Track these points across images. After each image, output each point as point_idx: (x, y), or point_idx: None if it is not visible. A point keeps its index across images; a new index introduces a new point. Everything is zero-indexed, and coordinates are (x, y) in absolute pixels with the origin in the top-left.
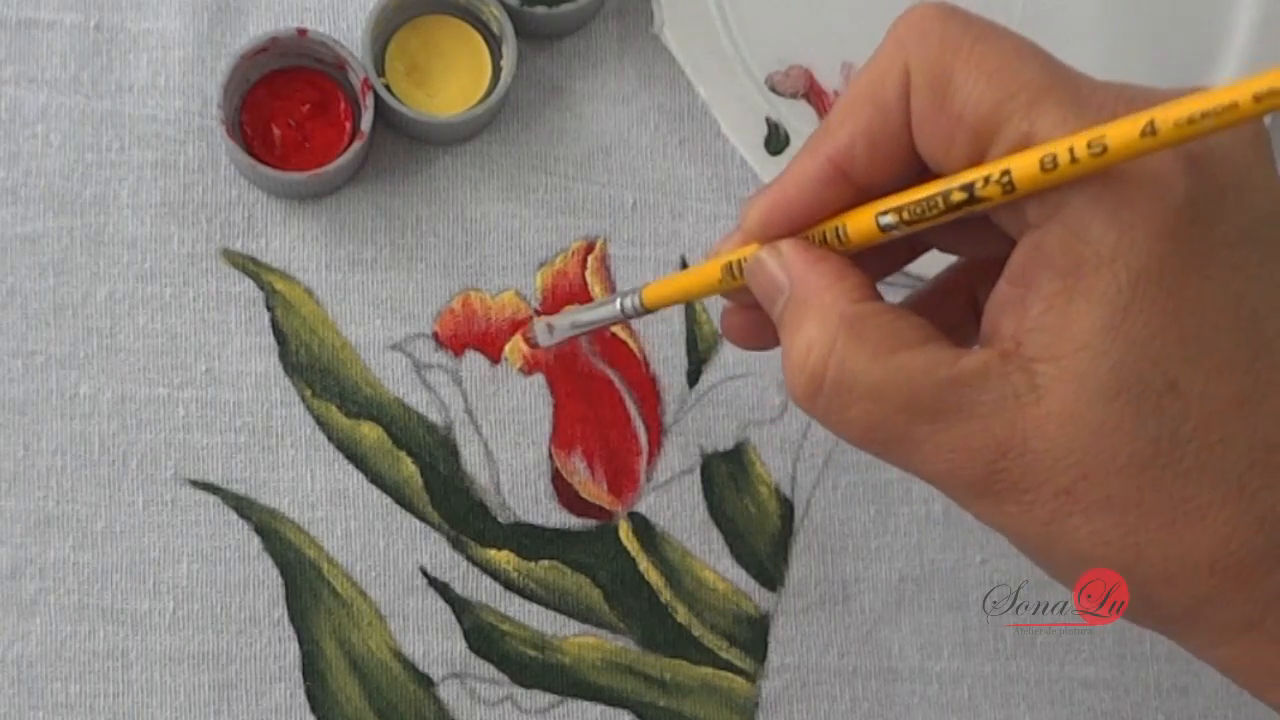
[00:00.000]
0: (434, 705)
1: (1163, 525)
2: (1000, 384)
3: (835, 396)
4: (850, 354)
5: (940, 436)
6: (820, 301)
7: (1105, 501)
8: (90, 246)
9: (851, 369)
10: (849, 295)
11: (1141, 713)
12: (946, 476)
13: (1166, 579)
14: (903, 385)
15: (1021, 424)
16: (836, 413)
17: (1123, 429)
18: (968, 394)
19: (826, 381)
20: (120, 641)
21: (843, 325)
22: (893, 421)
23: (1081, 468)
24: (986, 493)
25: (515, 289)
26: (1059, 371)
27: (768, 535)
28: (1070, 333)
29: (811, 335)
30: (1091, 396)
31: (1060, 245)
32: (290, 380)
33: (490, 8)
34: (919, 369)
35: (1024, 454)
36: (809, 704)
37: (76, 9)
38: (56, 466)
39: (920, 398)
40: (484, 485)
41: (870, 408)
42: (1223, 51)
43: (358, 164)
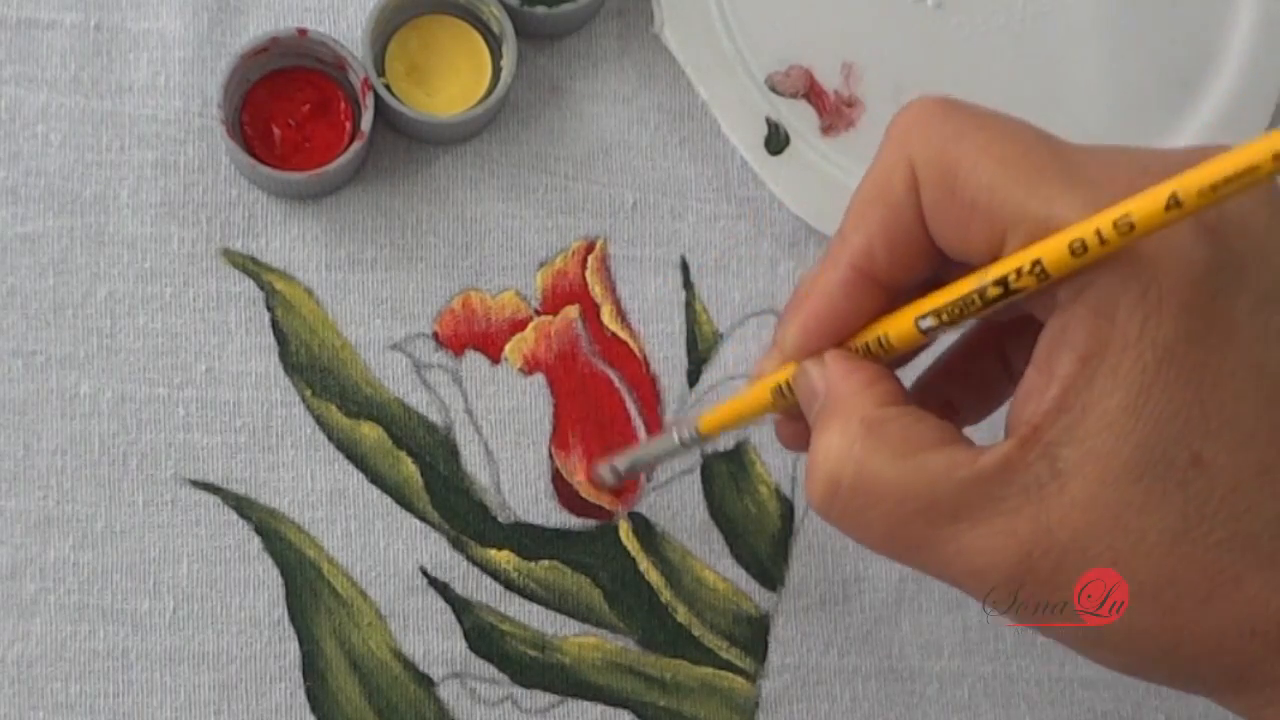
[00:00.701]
0: (434, 705)
1: (1200, 600)
2: (1022, 475)
3: (853, 499)
4: (869, 456)
5: (963, 538)
6: (846, 407)
7: (1139, 587)
8: (90, 246)
9: (870, 471)
10: (875, 400)
11: (1141, 713)
12: (973, 579)
13: (1209, 652)
14: (923, 486)
15: (1045, 517)
16: (854, 515)
17: (1149, 507)
18: (989, 491)
19: (844, 484)
20: (120, 641)
21: (863, 428)
22: (913, 524)
23: (1112, 554)
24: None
25: (515, 289)
26: (1081, 454)
27: (768, 535)
28: (1093, 414)
29: (834, 439)
30: (1116, 477)
31: (1084, 326)
32: (290, 380)
33: (490, 8)
34: (939, 469)
35: (1050, 549)
36: (809, 704)
37: (76, 9)
38: (56, 466)
39: (940, 498)
40: (484, 485)
41: (889, 510)
42: (1223, 51)
43: (358, 164)
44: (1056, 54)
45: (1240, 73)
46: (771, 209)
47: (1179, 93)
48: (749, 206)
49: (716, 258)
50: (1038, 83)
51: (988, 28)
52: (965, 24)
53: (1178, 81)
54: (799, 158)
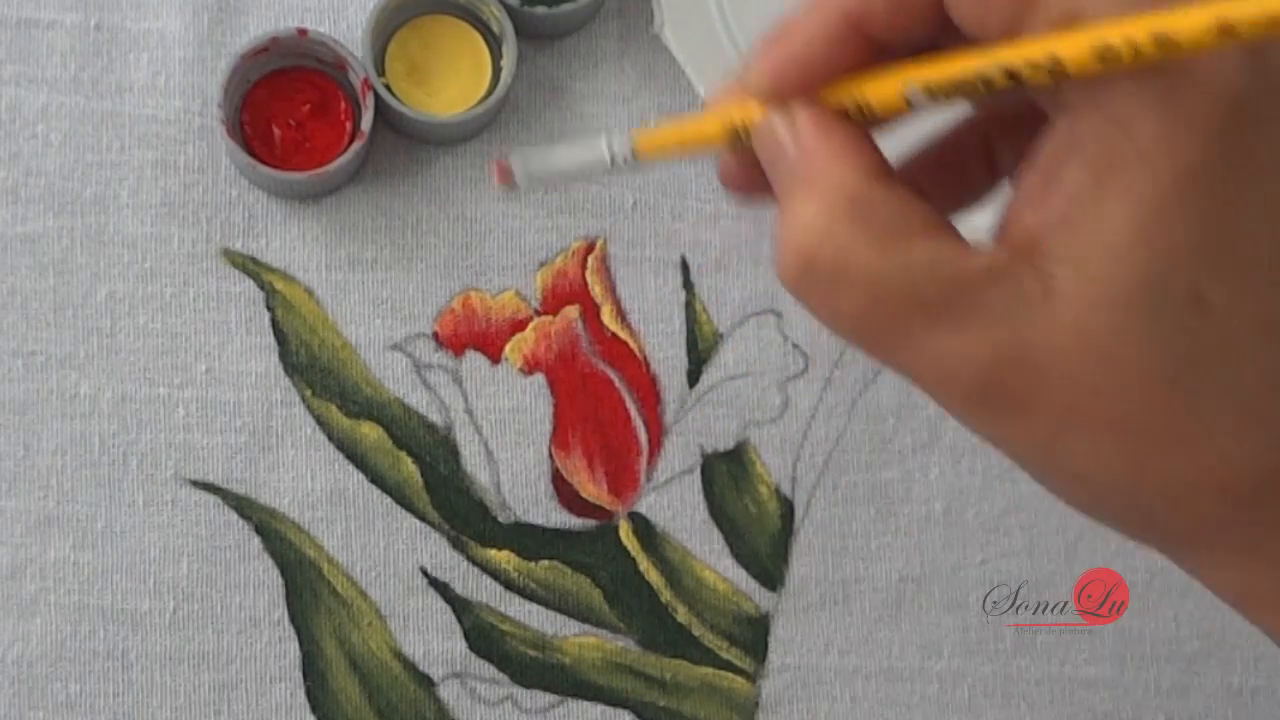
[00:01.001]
0: (434, 705)
1: (1171, 447)
2: (1010, 286)
3: (827, 282)
4: (851, 238)
5: (937, 339)
6: (827, 176)
7: (1111, 421)
8: (90, 246)
9: (850, 255)
10: (859, 171)
11: (1141, 713)
12: (939, 383)
13: (1171, 501)
14: (903, 279)
15: (1028, 332)
16: (826, 298)
17: (1139, 342)
18: (974, 295)
19: (820, 265)
20: (120, 641)
21: (846, 205)
22: (888, 316)
23: (1089, 383)
24: (982, 406)
25: (515, 289)
26: (1077, 275)
27: (768, 535)
28: (1097, 233)
29: (812, 212)
30: (1110, 305)
31: (1098, 135)
32: (290, 380)
33: (490, 8)
34: (923, 262)
35: (1027, 366)
36: (809, 704)
37: (76, 9)
38: (56, 466)
39: (921, 294)
40: (484, 485)
41: (865, 298)
42: None
43: (358, 164)
44: None
45: None
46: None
47: None
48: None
49: (716, 258)
50: None
51: None
52: None
53: None
54: None
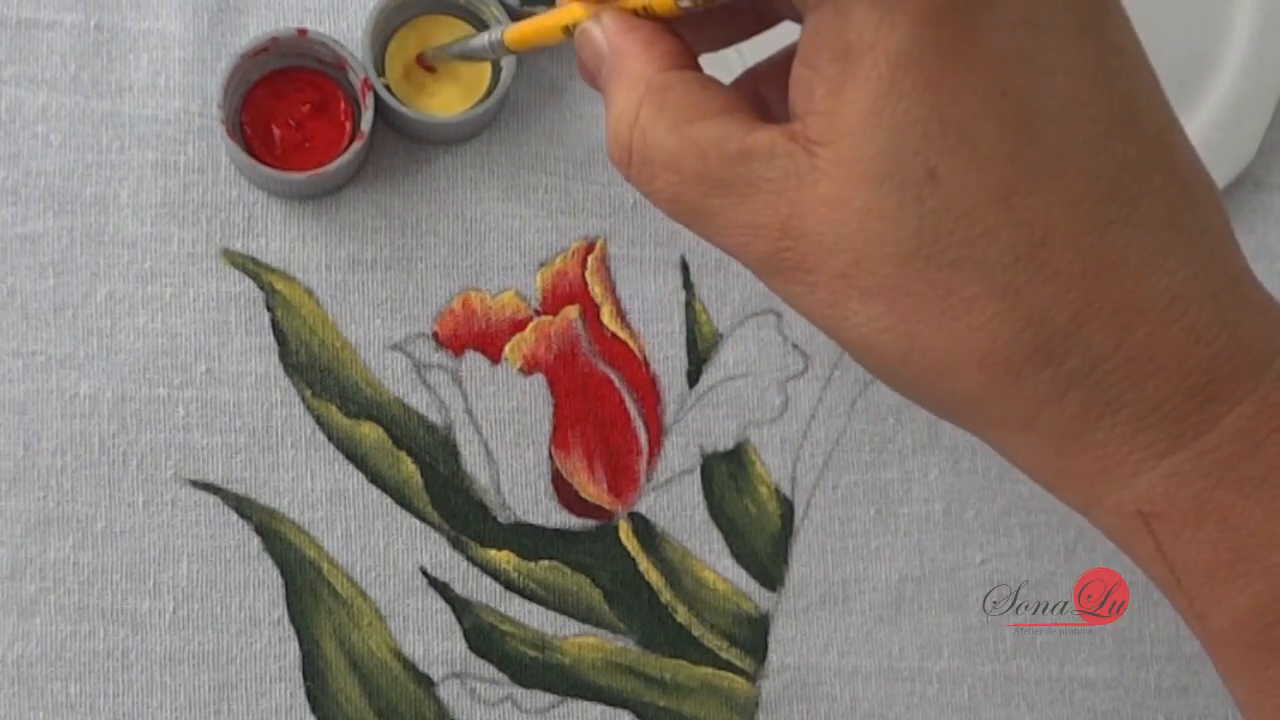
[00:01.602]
0: (434, 705)
1: (932, 316)
2: (785, 162)
3: (642, 166)
4: (651, 124)
5: (732, 210)
6: (630, 69)
7: (878, 289)
8: (90, 246)
9: (652, 139)
10: (657, 63)
11: (1141, 713)
12: (740, 250)
13: (940, 371)
14: (695, 157)
15: (801, 204)
16: (645, 182)
17: (887, 217)
18: (755, 169)
19: (633, 150)
20: (120, 641)
21: (647, 94)
22: (690, 193)
23: (853, 253)
24: (776, 270)
25: (515, 289)
26: (833, 155)
27: (768, 535)
28: (841, 117)
29: (621, 104)
30: (858, 182)
31: (831, 29)
32: (290, 380)
33: (490, 8)
34: (711, 140)
35: (803, 235)
36: (809, 704)
37: (76, 9)
38: (56, 466)
39: (711, 170)
40: (484, 485)
41: (670, 179)
42: (1222, 52)
43: (358, 164)
44: None
45: (1240, 73)
46: None
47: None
48: None
49: (716, 258)
50: None
51: None
52: None
53: (1176, 82)
54: None
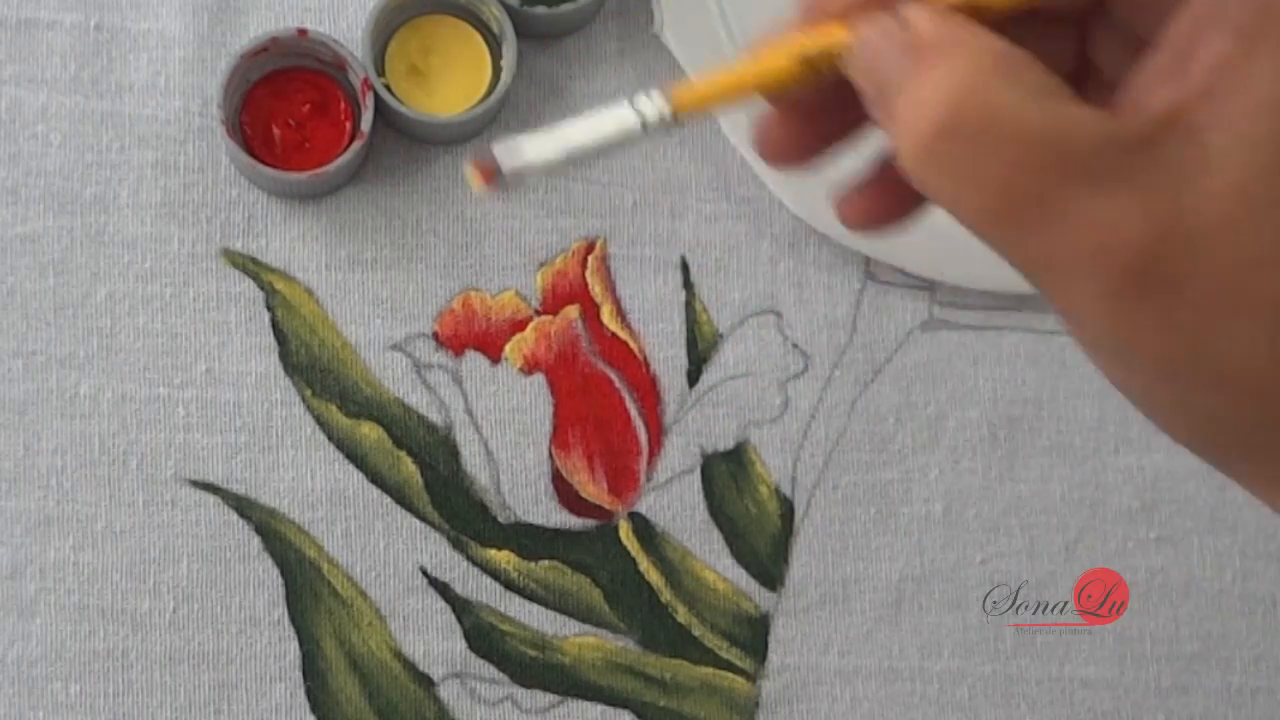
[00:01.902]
0: (434, 705)
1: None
2: (1167, 151)
3: (974, 140)
4: (1004, 91)
5: (1095, 203)
6: (967, 40)
7: (1264, 299)
8: (90, 246)
9: (1005, 108)
10: (999, 41)
11: (1141, 713)
12: (1091, 260)
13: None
14: (1062, 134)
15: (1185, 200)
16: (970, 162)
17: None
18: (1132, 159)
19: (968, 120)
20: (120, 641)
21: (995, 63)
22: (1041, 179)
23: (1247, 254)
24: (1133, 285)
25: (515, 289)
26: (1232, 140)
27: (768, 535)
28: (1249, 96)
29: (954, 69)
30: (1262, 169)
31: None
32: (290, 380)
33: (490, 8)
34: (1080, 122)
35: (1185, 236)
36: (809, 704)
37: (76, 9)
38: (56, 466)
39: (1080, 152)
40: (484, 485)
41: (1015, 159)
42: None
43: (358, 164)
44: None
45: None
46: (771, 209)
47: None
48: (749, 206)
49: (716, 258)
50: None
51: None
52: None
53: None
54: None
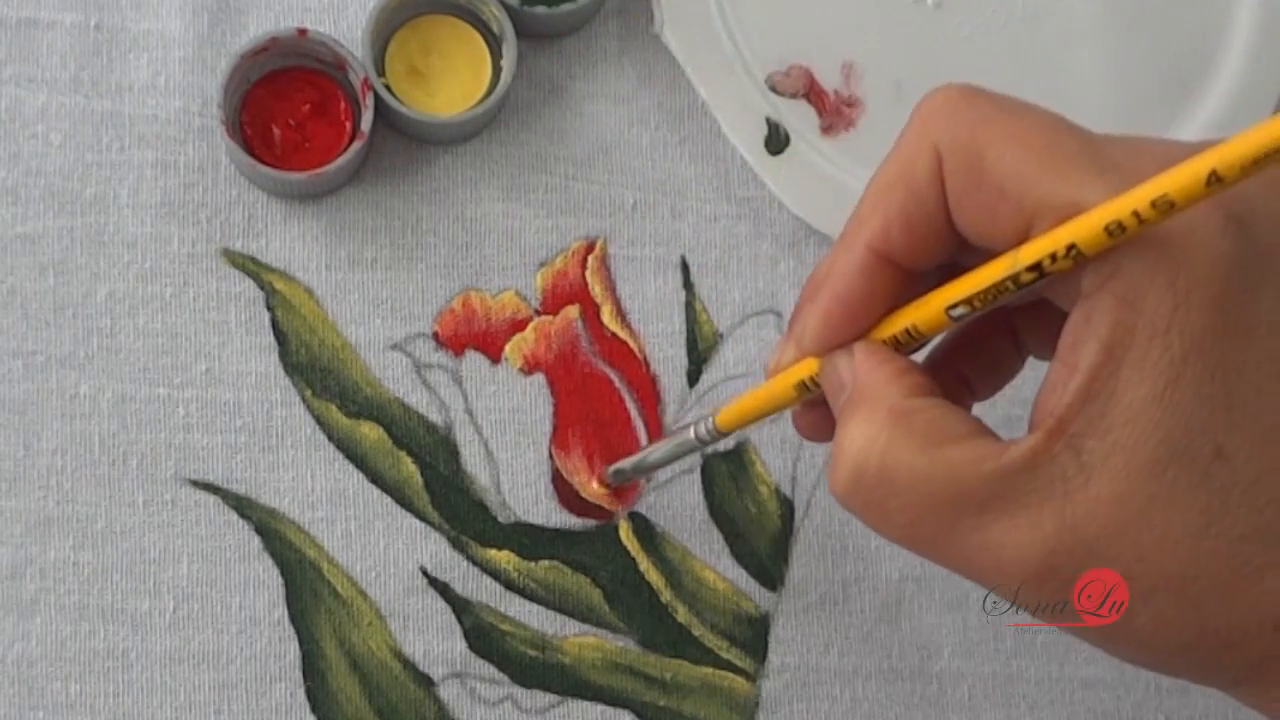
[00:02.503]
0: (434, 705)
1: (1222, 593)
2: (1047, 469)
3: (877, 489)
4: (895, 446)
5: (988, 532)
6: (873, 396)
7: (1163, 583)
8: (90, 246)
9: (895, 461)
10: (903, 391)
11: (1141, 713)
12: (996, 574)
13: (1230, 644)
14: (948, 478)
15: (1070, 511)
16: (877, 506)
17: (1174, 501)
18: (1015, 484)
19: (869, 473)
20: (120, 641)
21: (890, 418)
22: (937, 515)
23: (1136, 549)
24: (1038, 590)
25: (515, 289)
26: (1106, 447)
27: (768, 535)
28: (1118, 404)
29: (860, 428)
30: (1141, 470)
31: (1111, 316)
32: (290, 380)
33: (490, 8)
34: (965, 461)
35: (1075, 545)
36: (809, 704)
37: (76, 9)
38: (56, 466)
39: (965, 491)
40: (484, 485)
41: (913, 501)
42: (1223, 52)
43: (358, 164)
44: (1056, 54)
45: (1240, 73)
46: (771, 209)
47: (1179, 93)
48: (749, 206)
49: (716, 258)
50: (1037, 83)
51: (988, 27)
52: (965, 24)
53: (1177, 82)
54: (799, 158)
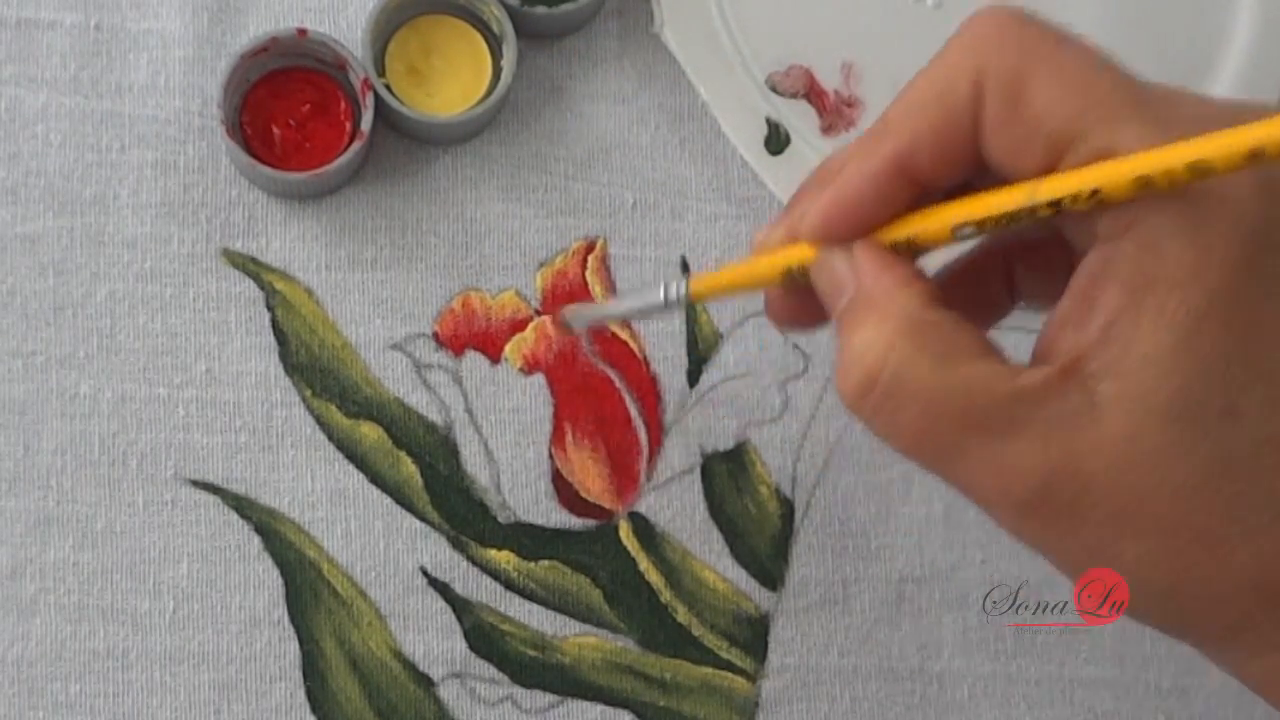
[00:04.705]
0: (434, 705)
1: (1210, 548)
2: (1059, 402)
3: (887, 399)
4: (909, 359)
5: (991, 452)
6: (886, 303)
7: (1155, 525)
8: (90, 246)
9: (908, 374)
10: (917, 300)
11: (1141, 713)
12: (994, 495)
13: (1210, 599)
14: (959, 396)
15: (1078, 445)
16: (886, 416)
17: (1177, 452)
18: (1025, 410)
19: (880, 384)
20: (120, 641)
21: (906, 328)
22: (946, 430)
23: (1135, 491)
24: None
25: (515, 289)
26: (1120, 390)
27: (768, 535)
28: (1136, 350)
29: (871, 335)
30: (1151, 417)
31: (1133, 262)
32: (290, 380)
33: (490, 8)
34: (978, 381)
35: (1077, 476)
36: (809, 704)
37: (76, 9)
38: (56, 466)
39: (975, 410)
40: (484, 485)
41: (923, 414)
42: (1223, 52)
43: (358, 164)
44: None
45: (1240, 73)
46: (771, 209)
47: None
48: (749, 206)
49: (716, 258)
50: None
51: None
52: None
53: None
54: (799, 158)
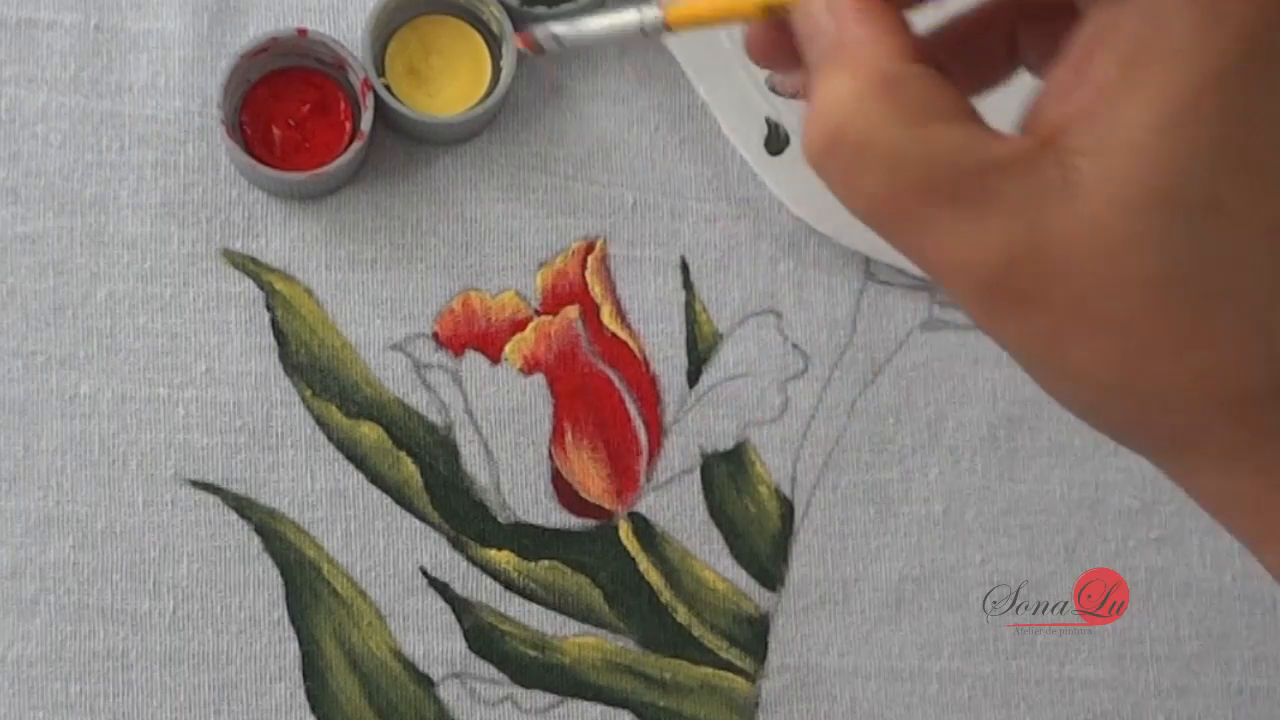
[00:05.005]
0: (434, 705)
1: (1170, 349)
2: (1032, 177)
3: (852, 157)
4: (878, 114)
5: (955, 224)
6: (860, 53)
7: (1113, 319)
8: (90, 246)
9: (876, 131)
10: (894, 52)
11: (1141, 713)
12: (952, 271)
13: (1164, 405)
14: (926, 159)
15: (1045, 225)
16: (848, 176)
17: (1151, 243)
18: (994, 182)
19: (847, 140)
20: (120, 641)
21: (878, 82)
22: (908, 196)
23: (1097, 280)
24: (991, 296)
25: (515, 289)
26: (1099, 170)
27: (768, 535)
28: (1122, 126)
29: (840, 88)
30: (1128, 203)
31: (1131, 28)
32: (290, 380)
33: (490, 8)
34: (948, 145)
35: (1040, 258)
36: (809, 704)
37: (76, 9)
38: (56, 466)
39: (942, 177)
40: (484, 485)
41: (886, 177)
42: None
43: (358, 164)
44: None
45: None
46: (771, 209)
47: None
48: (749, 206)
49: (716, 258)
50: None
51: None
52: None
53: None
54: (799, 158)
